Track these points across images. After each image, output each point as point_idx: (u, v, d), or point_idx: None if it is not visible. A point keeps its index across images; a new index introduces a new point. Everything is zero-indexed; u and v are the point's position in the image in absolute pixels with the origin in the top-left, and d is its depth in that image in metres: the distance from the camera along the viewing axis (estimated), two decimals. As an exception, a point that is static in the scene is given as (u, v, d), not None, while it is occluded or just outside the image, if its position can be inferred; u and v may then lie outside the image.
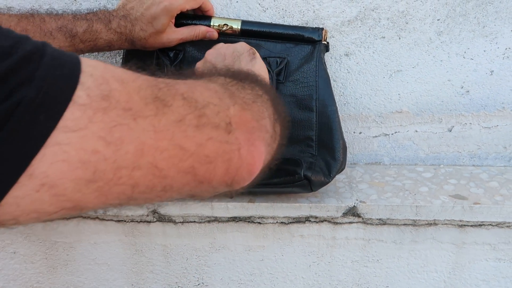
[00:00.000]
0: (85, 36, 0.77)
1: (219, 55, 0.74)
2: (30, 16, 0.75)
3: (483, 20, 0.93)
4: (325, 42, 0.89)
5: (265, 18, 0.93)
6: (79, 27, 0.76)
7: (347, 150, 0.99)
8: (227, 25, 0.88)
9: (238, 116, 0.47)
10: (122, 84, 0.38)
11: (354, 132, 1.01)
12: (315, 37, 0.88)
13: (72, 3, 0.93)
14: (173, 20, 0.84)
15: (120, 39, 0.80)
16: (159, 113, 0.39)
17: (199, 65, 0.75)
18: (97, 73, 0.37)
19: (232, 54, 0.74)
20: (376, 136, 1.01)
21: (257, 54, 0.76)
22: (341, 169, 0.85)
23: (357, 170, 1.00)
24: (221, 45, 0.76)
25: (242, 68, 0.70)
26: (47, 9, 0.94)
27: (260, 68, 0.73)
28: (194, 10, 0.89)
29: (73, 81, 0.35)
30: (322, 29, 0.89)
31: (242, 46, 0.75)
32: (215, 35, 0.88)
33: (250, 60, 0.73)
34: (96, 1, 0.93)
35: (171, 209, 0.89)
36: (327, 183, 0.83)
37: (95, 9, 0.83)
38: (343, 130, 0.99)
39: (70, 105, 0.34)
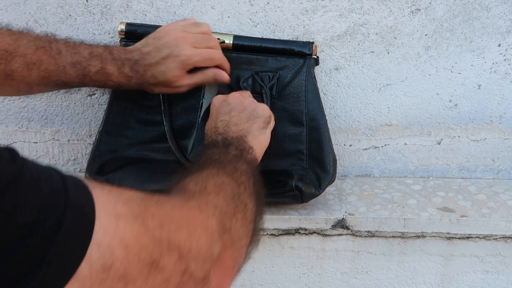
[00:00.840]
0: (96, 77, 0.78)
1: (241, 103, 0.77)
2: (48, 45, 0.76)
3: (470, 35, 0.94)
4: (315, 56, 0.91)
5: (256, 33, 0.95)
6: (93, 67, 0.77)
7: (337, 162, 1.01)
8: (219, 39, 0.90)
9: (219, 257, 0.49)
10: (126, 250, 0.39)
11: (344, 145, 1.03)
12: (306, 51, 0.90)
13: (67, 18, 0.95)
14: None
15: (129, 82, 0.80)
16: (150, 276, 0.41)
17: (217, 102, 0.78)
18: (105, 241, 0.37)
19: (252, 112, 0.76)
20: (366, 149, 1.03)
21: (272, 124, 0.79)
22: (331, 181, 0.87)
23: (347, 182, 1.01)
24: (248, 95, 0.80)
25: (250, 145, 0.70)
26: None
27: (265, 141, 0.77)
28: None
29: (80, 254, 0.36)
30: (312, 43, 0.91)
31: (263, 110, 0.78)
32: (226, 78, 0.86)
33: (262, 127, 0.76)
34: (91, 15, 0.95)
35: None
36: (318, 195, 0.85)
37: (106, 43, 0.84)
38: (333, 142, 1.00)
39: (71, 281, 0.35)
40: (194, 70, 0.84)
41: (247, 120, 0.75)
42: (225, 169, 0.60)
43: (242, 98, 0.78)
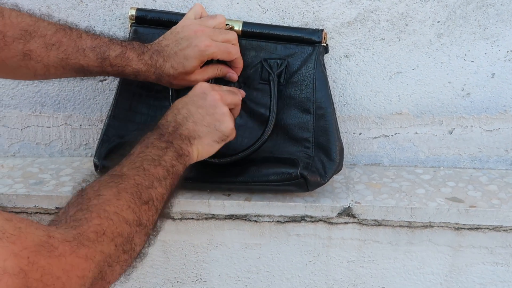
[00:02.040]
0: (116, 61, 0.78)
1: (213, 107, 0.76)
2: (68, 29, 0.77)
3: (484, 22, 0.92)
4: (324, 44, 0.90)
5: (265, 19, 0.94)
6: (113, 51, 0.78)
7: (345, 151, 1.00)
8: (229, 25, 0.90)
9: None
10: None
11: (353, 133, 1.02)
12: (315, 39, 0.89)
13: (79, 4, 0.96)
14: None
15: (148, 71, 0.81)
16: None
17: (199, 90, 0.78)
18: None
19: (216, 121, 0.76)
20: (376, 137, 1.02)
21: (222, 143, 0.78)
22: (337, 170, 0.86)
23: (355, 171, 1.00)
24: (230, 100, 0.79)
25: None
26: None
27: (207, 154, 0.76)
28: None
29: None
30: (322, 30, 0.90)
31: (227, 128, 0.77)
32: (235, 77, 0.89)
33: (214, 141, 0.76)
34: (102, 1, 0.95)
35: (178, 208, 0.91)
36: (323, 183, 0.85)
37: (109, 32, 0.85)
38: (342, 130, 1.00)
39: None
40: (207, 64, 0.86)
41: (208, 125, 0.75)
42: (138, 192, 0.62)
43: (219, 103, 0.77)
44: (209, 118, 0.75)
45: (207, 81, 0.87)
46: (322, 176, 0.84)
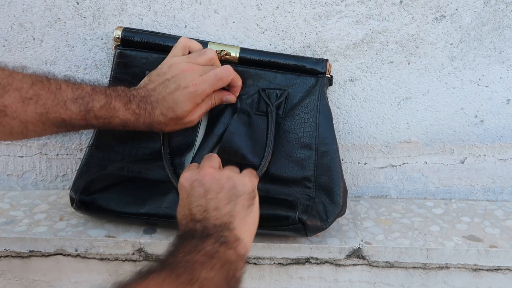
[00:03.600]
0: (101, 112, 0.70)
1: (217, 182, 0.65)
2: (46, 80, 0.69)
3: (499, 45, 0.86)
4: (329, 76, 0.82)
5: (264, 40, 0.86)
6: (97, 101, 0.70)
7: (349, 182, 0.93)
8: (224, 51, 0.81)
9: None
10: None
11: (358, 163, 0.94)
12: (319, 69, 0.81)
13: (56, 22, 0.86)
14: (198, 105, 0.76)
15: (137, 121, 0.72)
16: None
17: (187, 183, 0.66)
18: None
19: (231, 190, 0.65)
20: (382, 168, 0.94)
21: (256, 199, 0.68)
22: (340, 214, 0.79)
23: (361, 204, 0.92)
24: (224, 172, 0.67)
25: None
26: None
27: (254, 222, 0.67)
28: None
29: None
30: (327, 60, 0.82)
31: (245, 185, 0.66)
32: (232, 98, 0.80)
33: (248, 206, 0.66)
34: (82, 19, 0.86)
35: (157, 248, 0.81)
36: (324, 229, 0.77)
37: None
38: (347, 160, 0.93)
39: None
40: None
41: (228, 201, 0.64)
42: None
43: (217, 174, 0.66)
44: (223, 193, 0.65)
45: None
46: (323, 221, 0.76)
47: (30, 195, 0.94)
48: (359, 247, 0.80)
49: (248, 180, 0.67)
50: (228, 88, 0.80)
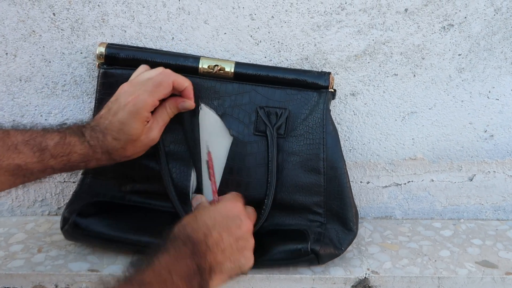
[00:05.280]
0: (56, 150, 0.65)
1: (245, 245, 0.63)
2: None
3: (511, 55, 0.80)
4: (332, 90, 0.76)
5: (258, 52, 0.80)
6: (50, 139, 0.65)
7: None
8: (218, 66, 0.75)
9: None
10: None
11: (361, 182, 0.88)
12: (321, 83, 0.75)
13: (30, 35, 0.79)
14: (148, 120, 0.70)
15: (95, 153, 0.67)
16: None
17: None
18: None
19: (237, 242, 0.62)
20: (386, 186, 0.88)
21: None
22: (353, 239, 0.73)
23: (365, 226, 0.86)
24: (234, 213, 0.63)
25: None
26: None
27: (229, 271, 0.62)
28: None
29: None
30: (329, 73, 0.76)
31: (249, 259, 0.63)
32: (190, 104, 0.72)
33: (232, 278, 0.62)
34: (60, 32, 0.78)
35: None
36: (338, 255, 0.72)
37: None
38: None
39: None
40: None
41: (233, 261, 0.61)
42: None
43: (250, 236, 0.64)
44: (237, 254, 0.61)
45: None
46: (337, 248, 0.71)
47: (6, 222, 0.87)
48: (365, 277, 0.74)
49: (251, 264, 0.64)
50: (179, 92, 0.73)
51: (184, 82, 0.71)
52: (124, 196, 0.76)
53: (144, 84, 0.68)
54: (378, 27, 0.78)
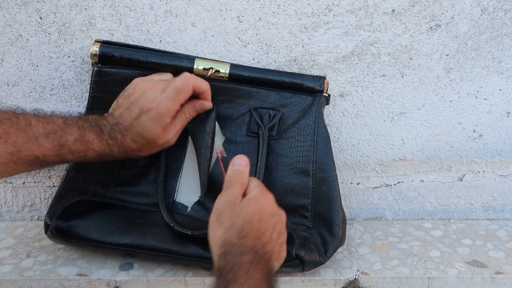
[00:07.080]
0: (75, 147, 0.66)
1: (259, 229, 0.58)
2: (14, 117, 0.64)
3: (498, 55, 0.80)
4: (326, 94, 0.76)
5: (246, 54, 0.80)
6: (70, 135, 0.66)
7: (343, 204, 0.86)
8: (213, 68, 0.75)
9: None
10: None
11: (351, 183, 0.88)
12: (316, 87, 0.75)
13: (17, 39, 0.78)
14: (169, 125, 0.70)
15: (111, 151, 0.69)
16: None
17: (216, 230, 0.58)
18: None
19: (279, 238, 0.61)
20: (376, 187, 0.88)
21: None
22: (340, 245, 0.73)
23: (355, 227, 0.86)
24: (271, 209, 0.61)
25: None
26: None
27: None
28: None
29: None
30: (324, 78, 0.76)
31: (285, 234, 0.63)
32: (208, 105, 0.73)
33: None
34: (47, 35, 0.78)
35: (135, 286, 0.74)
36: (322, 263, 0.71)
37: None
38: (338, 180, 0.86)
39: None
40: None
41: (279, 247, 0.60)
42: None
43: (261, 221, 0.59)
44: (280, 249, 0.61)
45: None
46: (322, 255, 0.71)
47: (-5, 228, 0.86)
48: (355, 278, 0.74)
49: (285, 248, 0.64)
50: (198, 95, 0.73)
51: (203, 85, 0.72)
52: (106, 193, 0.75)
53: (166, 90, 0.68)
54: (365, 28, 0.78)
